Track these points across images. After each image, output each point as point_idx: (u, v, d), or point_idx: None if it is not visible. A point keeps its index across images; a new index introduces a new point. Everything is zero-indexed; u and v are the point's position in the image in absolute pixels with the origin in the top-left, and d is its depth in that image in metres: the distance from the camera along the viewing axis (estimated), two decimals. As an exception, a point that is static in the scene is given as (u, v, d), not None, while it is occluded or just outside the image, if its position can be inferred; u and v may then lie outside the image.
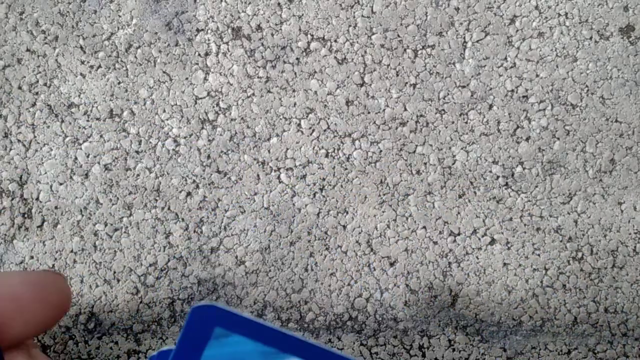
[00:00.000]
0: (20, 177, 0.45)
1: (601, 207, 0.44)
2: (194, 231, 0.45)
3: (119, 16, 0.44)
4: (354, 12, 0.43)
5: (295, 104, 0.44)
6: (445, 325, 0.51)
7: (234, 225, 0.45)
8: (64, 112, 0.44)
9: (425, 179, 0.44)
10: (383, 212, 0.44)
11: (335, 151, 0.44)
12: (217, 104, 0.44)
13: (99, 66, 0.44)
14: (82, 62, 0.44)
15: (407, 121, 0.44)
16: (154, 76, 0.44)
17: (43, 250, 0.45)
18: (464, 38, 0.43)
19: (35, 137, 0.44)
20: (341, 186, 0.44)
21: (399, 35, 0.43)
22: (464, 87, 0.43)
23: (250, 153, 0.44)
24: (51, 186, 0.45)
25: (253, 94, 0.44)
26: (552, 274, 0.44)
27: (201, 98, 0.44)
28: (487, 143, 0.44)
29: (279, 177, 0.44)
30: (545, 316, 0.45)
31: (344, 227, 0.45)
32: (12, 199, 0.45)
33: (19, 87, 0.44)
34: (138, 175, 0.45)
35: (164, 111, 0.44)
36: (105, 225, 0.45)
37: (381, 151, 0.44)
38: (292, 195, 0.44)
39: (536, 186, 0.44)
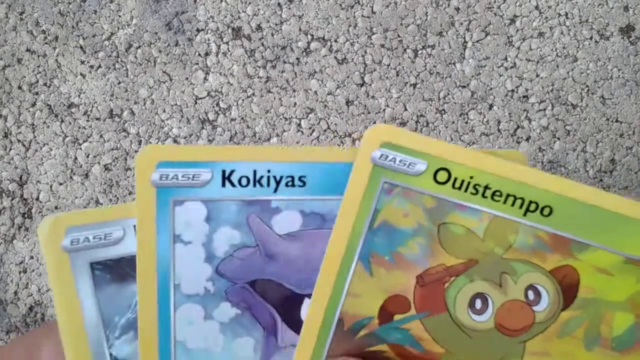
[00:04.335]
0: (20, 177, 0.45)
1: (601, 207, 0.44)
2: (194, 231, 0.45)
3: (119, 16, 0.44)
4: (354, 12, 0.43)
5: (295, 104, 0.44)
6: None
7: (234, 225, 0.45)
8: (64, 112, 0.44)
9: (425, 179, 0.44)
10: (383, 212, 0.44)
11: (335, 151, 0.44)
12: (217, 104, 0.44)
13: (99, 66, 0.44)
14: (82, 62, 0.44)
15: (407, 121, 0.44)
16: (154, 76, 0.44)
17: (43, 250, 0.45)
18: (464, 38, 0.43)
19: (35, 137, 0.44)
20: (341, 186, 0.44)
21: (399, 35, 0.43)
22: (464, 87, 0.43)
23: (250, 153, 0.44)
24: (51, 186, 0.45)
25: (253, 94, 0.44)
26: (552, 274, 0.44)
27: (201, 98, 0.44)
28: (488, 143, 0.44)
29: (279, 177, 0.44)
30: (546, 316, 0.45)
31: (344, 227, 0.44)
32: (12, 199, 0.45)
33: (19, 87, 0.44)
34: (138, 175, 0.44)
35: (164, 111, 0.44)
36: (105, 225, 0.45)
37: (381, 151, 0.44)
38: (292, 195, 0.44)
39: (536, 186, 0.44)
